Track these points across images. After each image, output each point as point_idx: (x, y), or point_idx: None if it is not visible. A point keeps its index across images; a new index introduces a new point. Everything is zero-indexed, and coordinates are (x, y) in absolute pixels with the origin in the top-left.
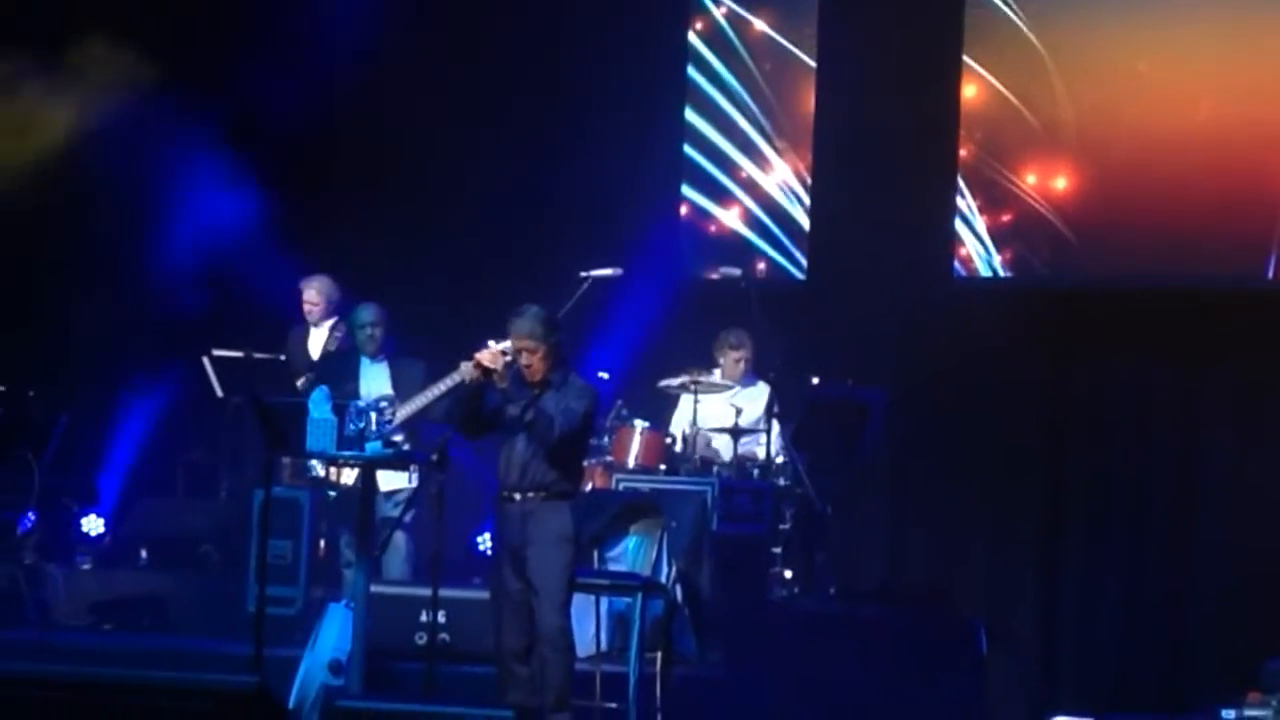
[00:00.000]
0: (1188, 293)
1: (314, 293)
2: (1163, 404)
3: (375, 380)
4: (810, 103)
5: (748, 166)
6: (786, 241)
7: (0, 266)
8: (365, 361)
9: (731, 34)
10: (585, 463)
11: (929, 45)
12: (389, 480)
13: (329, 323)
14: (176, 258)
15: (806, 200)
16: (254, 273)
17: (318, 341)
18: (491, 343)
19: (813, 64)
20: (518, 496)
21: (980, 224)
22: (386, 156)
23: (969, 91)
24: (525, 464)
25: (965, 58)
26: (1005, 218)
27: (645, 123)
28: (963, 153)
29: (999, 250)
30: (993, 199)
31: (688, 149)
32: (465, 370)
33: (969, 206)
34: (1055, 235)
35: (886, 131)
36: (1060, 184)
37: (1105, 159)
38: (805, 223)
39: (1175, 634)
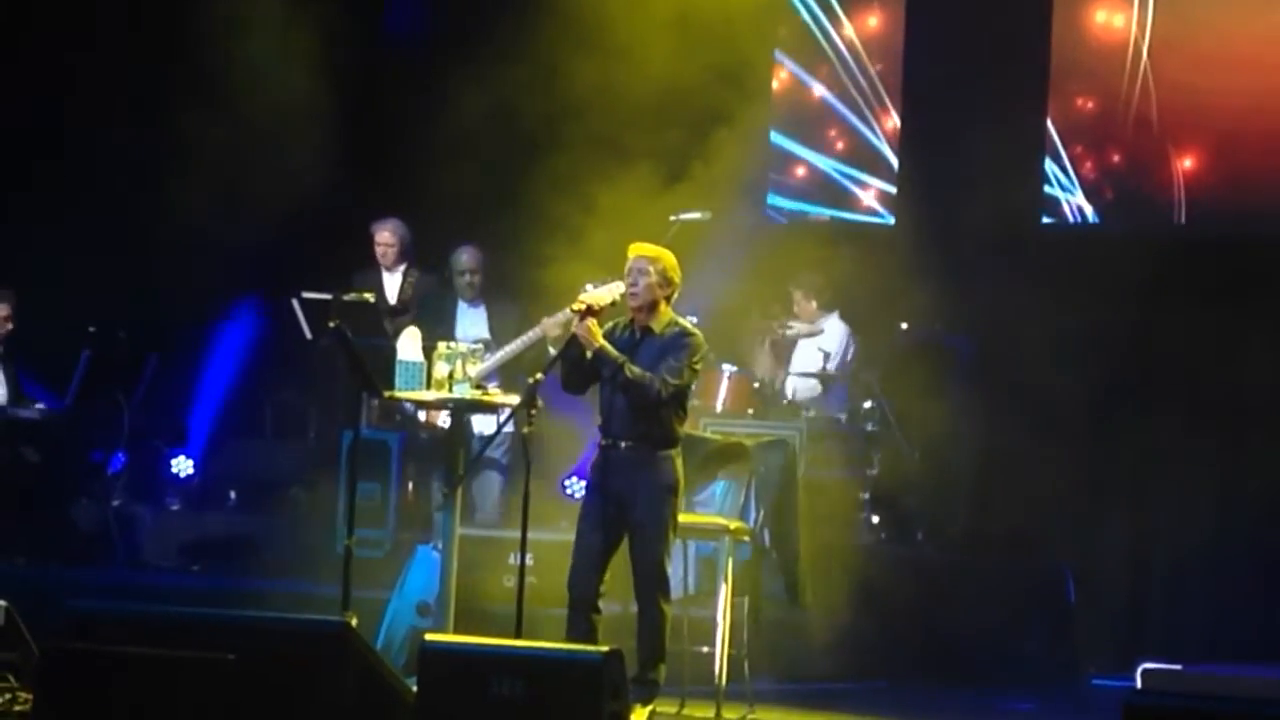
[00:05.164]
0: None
1: (388, 234)
2: (1256, 352)
3: (473, 323)
4: None
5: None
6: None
7: (91, 211)
8: (462, 304)
9: None
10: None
11: None
12: (487, 423)
13: (402, 267)
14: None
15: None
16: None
17: (393, 287)
18: (590, 286)
19: None
20: (623, 445)
21: (1071, 171)
22: (475, 98)
23: None
24: (624, 413)
25: None
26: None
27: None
28: None
29: (1087, 194)
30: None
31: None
32: (547, 324)
33: (1061, 150)
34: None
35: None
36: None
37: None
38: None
39: (1265, 584)
